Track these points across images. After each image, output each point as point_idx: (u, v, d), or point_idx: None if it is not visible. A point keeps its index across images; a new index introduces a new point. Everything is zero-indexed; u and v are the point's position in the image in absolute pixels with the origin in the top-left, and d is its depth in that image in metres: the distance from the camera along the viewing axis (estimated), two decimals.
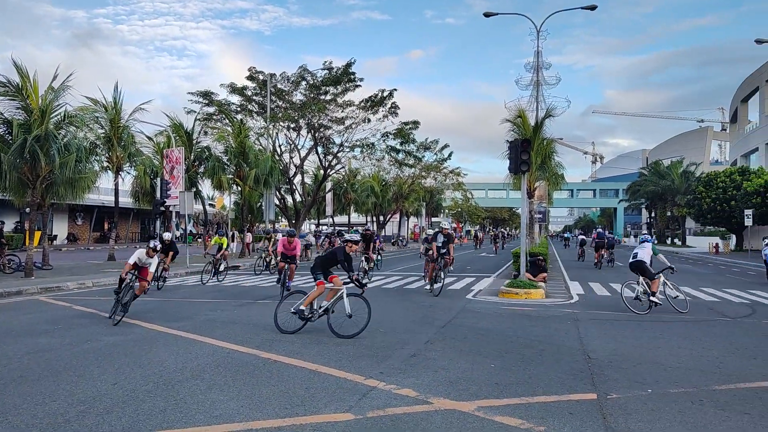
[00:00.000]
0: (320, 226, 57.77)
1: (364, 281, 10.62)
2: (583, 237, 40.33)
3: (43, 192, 20.13)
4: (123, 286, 10.68)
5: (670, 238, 70.80)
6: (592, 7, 29.24)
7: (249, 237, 36.74)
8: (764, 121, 58.56)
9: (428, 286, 15.52)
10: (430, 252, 15.71)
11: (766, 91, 58.47)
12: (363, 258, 20.40)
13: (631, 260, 12.61)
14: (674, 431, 4.93)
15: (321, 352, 7.90)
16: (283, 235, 16.62)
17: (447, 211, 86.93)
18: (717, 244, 47.97)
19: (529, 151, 16.15)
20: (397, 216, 60.59)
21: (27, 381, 6.45)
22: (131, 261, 10.97)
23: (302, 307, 9.30)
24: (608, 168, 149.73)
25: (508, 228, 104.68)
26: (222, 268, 19.17)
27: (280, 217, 47.54)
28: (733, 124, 75.82)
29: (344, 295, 9.31)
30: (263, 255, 23.13)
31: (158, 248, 11.36)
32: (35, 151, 18.22)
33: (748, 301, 14.62)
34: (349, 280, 9.41)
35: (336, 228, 56.82)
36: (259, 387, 6.20)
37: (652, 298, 11.93)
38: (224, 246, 19.22)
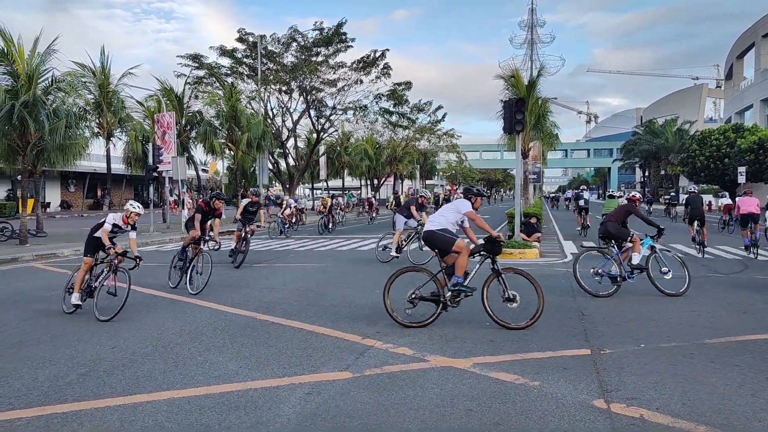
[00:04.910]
0: (314, 191, 57.55)
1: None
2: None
3: (33, 159, 19.95)
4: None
5: (663, 197, 70.96)
6: None
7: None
8: (759, 77, 58.15)
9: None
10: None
11: (762, 47, 57.86)
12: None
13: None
14: (666, 383, 5.02)
15: (317, 314, 7.97)
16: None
17: (441, 173, 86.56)
18: (710, 201, 48.10)
19: (523, 111, 16.05)
20: (392, 179, 60.41)
21: (25, 346, 6.49)
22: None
23: None
24: (602, 127, 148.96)
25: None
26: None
27: (273, 182, 47.34)
28: (728, 81, 75.13)
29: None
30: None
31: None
32: (23, 117, 17.98)
33: (740, 257, 14.75)
34: None
35: (330, 192, 56.66)
36: (257, 348, 6.26)
37: None
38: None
